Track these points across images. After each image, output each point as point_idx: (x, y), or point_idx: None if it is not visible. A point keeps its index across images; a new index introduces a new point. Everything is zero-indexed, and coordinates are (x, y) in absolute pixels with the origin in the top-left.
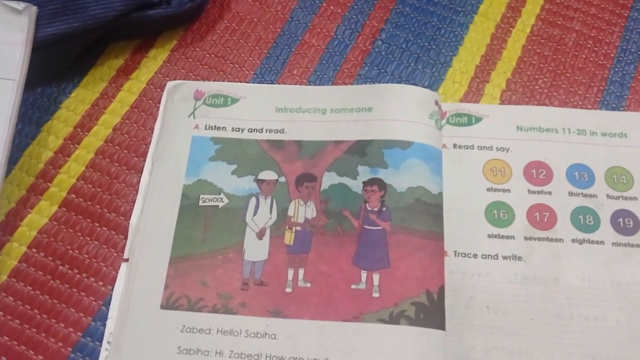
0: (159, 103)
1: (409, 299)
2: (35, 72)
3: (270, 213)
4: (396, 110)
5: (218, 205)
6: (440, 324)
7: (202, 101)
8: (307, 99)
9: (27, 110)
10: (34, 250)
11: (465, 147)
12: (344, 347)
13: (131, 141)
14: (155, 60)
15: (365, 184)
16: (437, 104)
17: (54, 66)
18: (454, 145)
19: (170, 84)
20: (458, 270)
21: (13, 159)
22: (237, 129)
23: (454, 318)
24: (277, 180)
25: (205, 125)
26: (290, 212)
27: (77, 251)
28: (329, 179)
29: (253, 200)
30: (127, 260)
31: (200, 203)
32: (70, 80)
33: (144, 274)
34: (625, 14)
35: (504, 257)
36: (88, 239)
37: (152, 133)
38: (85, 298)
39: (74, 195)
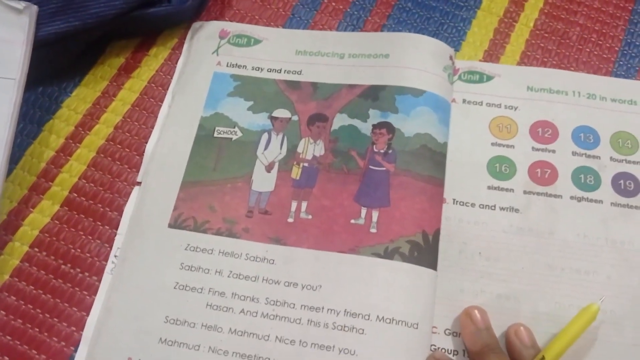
0: (161, 102)
1: (405, 237)
2: (36, 71)
3: (281, 148)
4: (412, 59)
5: (232, 138)
6: (432, 264)
7: (227, 40)
8: (327, 43)
9: (29, 110)
10: (36, 249)
11: (474, 102)
12: (338, 276)
13: (132, 140)
14: (156, 58)
15: (374, 126)
16: (451, 59)
17: (55, 65)
18: (463, 101)
19: (197, 24)
20: (455, 217)
21: (14, 159)
22: (257, 68)
23: (446, 261)
24: (290, 118)
25: (227, 63)
26: (299, 149)
27: (79, 250)
28: (340, 120)
29: (265, 136)
30: (139, 183)
31: (215, 134)
32: (72, 79)
33: (156, 195)
34: (630, 7)
35: (501, 208)
36: (90, 237)
37: (153, 131)
38: (88, 297)
39: (75, 194)
